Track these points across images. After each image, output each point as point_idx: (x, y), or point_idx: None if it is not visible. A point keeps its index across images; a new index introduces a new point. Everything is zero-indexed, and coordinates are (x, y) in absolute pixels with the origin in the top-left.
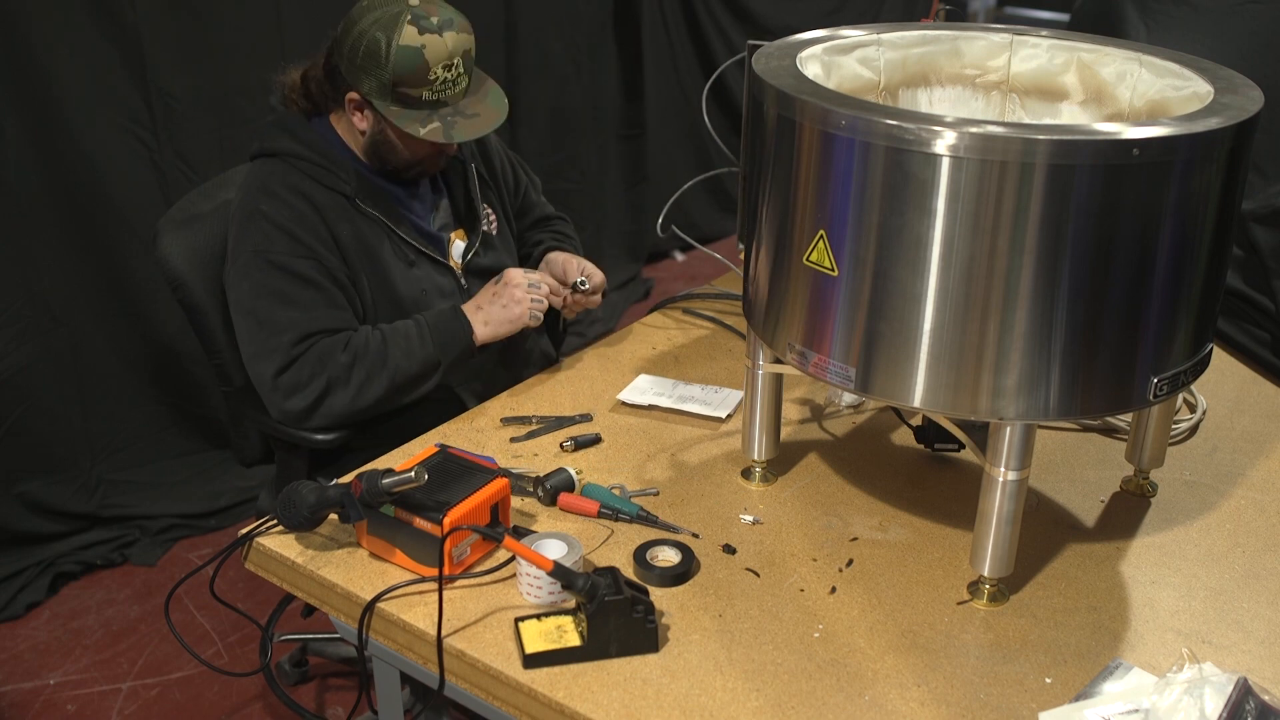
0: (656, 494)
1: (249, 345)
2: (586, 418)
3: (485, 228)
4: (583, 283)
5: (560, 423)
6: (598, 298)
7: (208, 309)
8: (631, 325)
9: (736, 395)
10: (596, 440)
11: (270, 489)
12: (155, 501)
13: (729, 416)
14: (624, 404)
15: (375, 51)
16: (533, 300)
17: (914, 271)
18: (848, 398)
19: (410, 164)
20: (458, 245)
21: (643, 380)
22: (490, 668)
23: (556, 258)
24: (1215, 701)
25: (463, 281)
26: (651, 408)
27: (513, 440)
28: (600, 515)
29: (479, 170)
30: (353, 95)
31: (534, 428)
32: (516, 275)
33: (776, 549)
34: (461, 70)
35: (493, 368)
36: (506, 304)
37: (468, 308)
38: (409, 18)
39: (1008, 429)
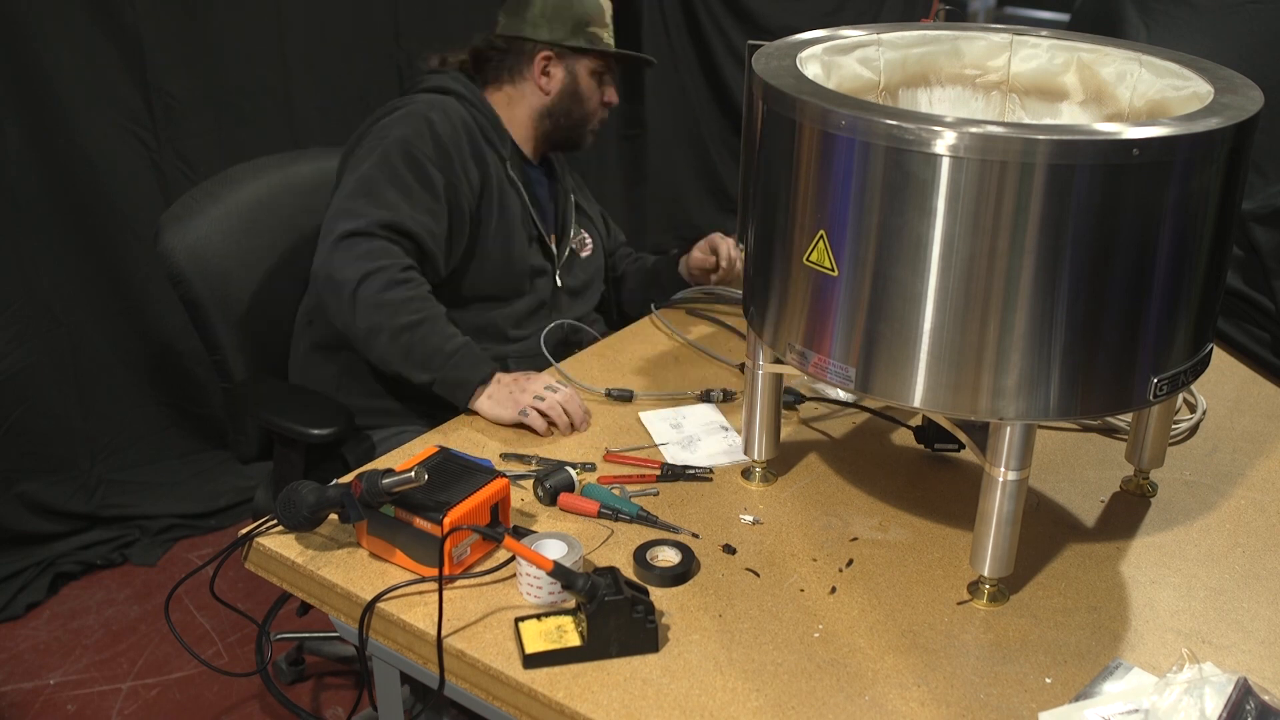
0: (656, 494)
1: (342, 200)
2: (589, 467)
3: (574, 247)
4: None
5: (560, 467)
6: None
7: (209, 305)
8: (632, 325)
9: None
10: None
11: (267, 486)
12: (155, 501)
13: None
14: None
15: (564, 3)
16: (533, 403)
17: (914, 271)
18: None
19: (589, 116)
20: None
21: (666, 410)
22: (490, 668)
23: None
24: (1215, 701)
25: (558, 279)
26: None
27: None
28: (600, 515)
29: (578, 201)
30: (546, 53)
31: (532, 469)
32: (540, 379)
33: (776, 549)
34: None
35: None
36: (513, 392)
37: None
38: None
39: (1008, 429)
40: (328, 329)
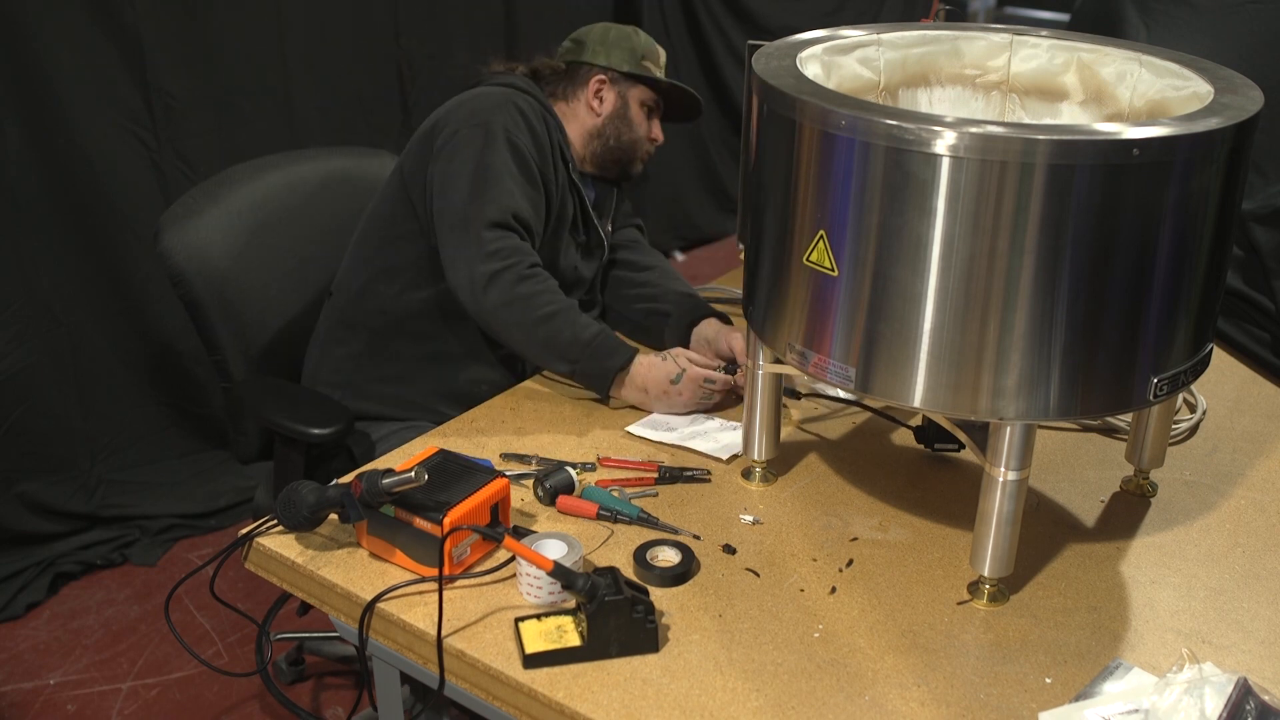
0: (656, 495)
1: (468, 186)
2: (589, 467)
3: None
4: (731, 368)
5: (561, 467)
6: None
7: (208, 305)
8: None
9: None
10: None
11: (267, 486)
12: (155, 501)
13: (731, 459)
14: (631, 434)
15: (624, 36)
16: (700, 399)
17: (914, 271)
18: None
19: (636, 143)
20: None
21: (656, 416)
22: (490, 668)
23: (718, 336)
24: (1215, 701)
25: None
26: (659, 444)
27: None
28: (599, 518)
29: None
30: (601, 76)
31: (532, 469)
32: (691, 389)
33: (776, 549)
34: None
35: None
36: (673, 399)
37: (637, 370)
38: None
39: (1008, 429)
40: (356, 307)
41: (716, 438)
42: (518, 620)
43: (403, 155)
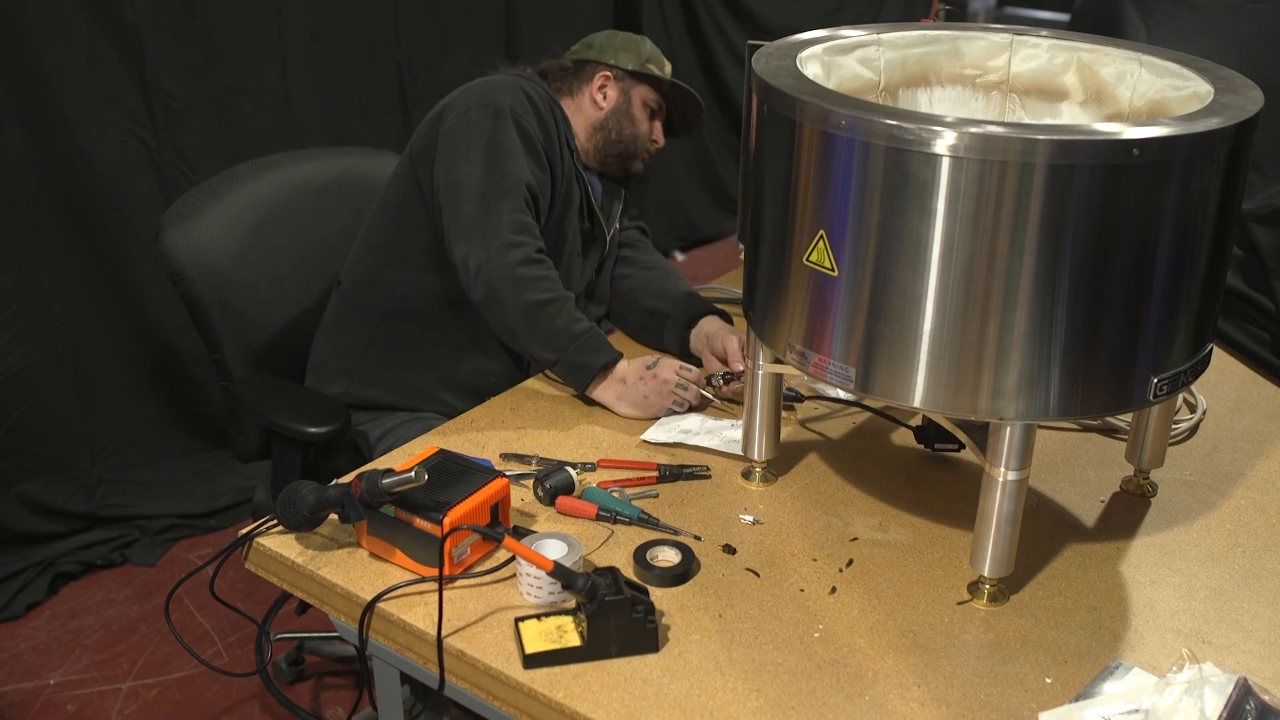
0: (656, 495)
1: (481, 161)
2: (590, 467)
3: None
4: (727, 377)
5: (561, 467)
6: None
7: (209, 304)
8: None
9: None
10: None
11: (266, 485)
12: (155, 501)
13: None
14: (646, 443)
15: (632, 41)
16: (675, 402)
17: (914, 271)
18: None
19: (637, 138)
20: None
21: (665, 422)
22: (490, 668)
23: (715, 334)
24: (1215, 701)
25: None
26: (677, 445)
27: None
28: (599, 518)
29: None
30: (606, 72)
31: (532, 469)
32: (668, 372)
33: (776, 549)
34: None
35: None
36: (648, 395)
37: (618, 368)
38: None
39: (1008, 429)
40: (364, 294)
41: (727, 436)
42: (518, 620)
43: (412, 139)
